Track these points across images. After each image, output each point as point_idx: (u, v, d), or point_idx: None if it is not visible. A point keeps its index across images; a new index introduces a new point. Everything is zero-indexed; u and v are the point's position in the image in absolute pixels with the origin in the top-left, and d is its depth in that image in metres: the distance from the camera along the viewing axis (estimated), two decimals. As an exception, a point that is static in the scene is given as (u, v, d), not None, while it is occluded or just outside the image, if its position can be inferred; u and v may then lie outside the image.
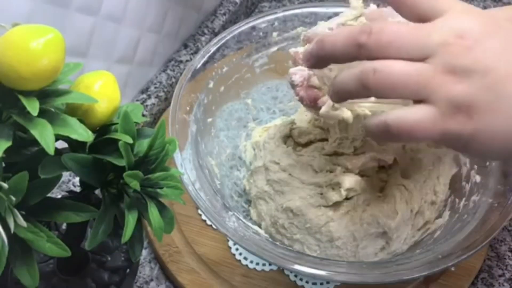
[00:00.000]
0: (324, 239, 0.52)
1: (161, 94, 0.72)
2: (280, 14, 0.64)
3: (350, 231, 0.51)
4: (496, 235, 0.45)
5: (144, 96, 0.71)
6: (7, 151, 0.31)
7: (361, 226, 0.51)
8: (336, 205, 0.53)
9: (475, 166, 0.54)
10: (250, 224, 0.53)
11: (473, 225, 0.47)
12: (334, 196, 0.52)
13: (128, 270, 0.49)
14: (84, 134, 0.33)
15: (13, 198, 0.31)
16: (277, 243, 0.51)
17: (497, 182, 0.50)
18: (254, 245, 0.45)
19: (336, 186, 0.53)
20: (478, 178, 0.53)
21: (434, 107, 0.32)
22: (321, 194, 0.53)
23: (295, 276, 0.56)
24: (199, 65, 0.58)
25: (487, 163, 0.52)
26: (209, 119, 0.60)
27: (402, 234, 0.52)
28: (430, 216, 0.54)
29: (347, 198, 0.53)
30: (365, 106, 0.48)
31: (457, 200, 0.54)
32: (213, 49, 0.60)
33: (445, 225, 0.52)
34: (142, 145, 0.39)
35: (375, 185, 0.55)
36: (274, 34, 0.63)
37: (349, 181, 0.53)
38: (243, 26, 0.62)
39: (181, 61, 0.76)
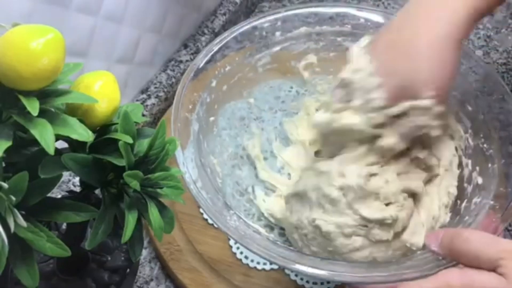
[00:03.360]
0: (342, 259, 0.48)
1: (161, 94, 0.72)
2: (282, 14, 0.64)
3: (373, 257, 0.48)
4: (496, 236, 0.45)
5: (144, 96, 0.71)
6: (7, 151, 0.31)
7: (387, 253, 0.48)
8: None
9: (477, 168, 0.54)
10: (251, 223, 0.53)
11: (474, 227, 0.47)
12: (381, 235, 0.47)
13: (128, 270, 0.49)
14: (84, 134, 0.33)
15: (13, 198, 0.31)
16: (289, 238, 0.50)
17: (499, 184, 0.50)
18: (255, 244, 0.45)
19: (385, 225, 0.47)
20: (480, 180, 0.53)
21: None
22: (366, 226, 0.47)
23: (296, 275, 0.56)
24: (202, 64, 0.58)
25: (489, 165, 0.52)
26: (212, 118, 0.60)
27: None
28: (445, 218, 0.52)
29: None
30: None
31: (458, 201, 0.54)
32: (216, 48, 0.60)
33: (447, 226, 0.52)
34: (142, 145, 0.39)
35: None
36: (277, 33, 0.63)
37: (402, 217, 0.48)
38: (246, 26, 0.62)
39: (181, 61, 0.76)
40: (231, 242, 0.58)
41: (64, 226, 0.48)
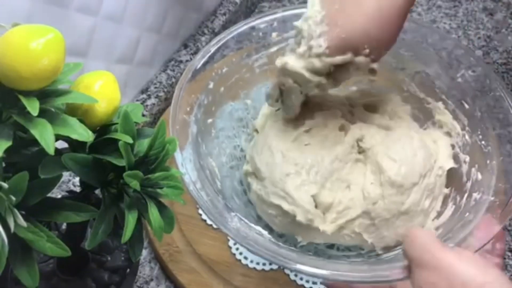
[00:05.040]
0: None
1: (161, 94, 0.72)
2: (279, 15, 0.63)
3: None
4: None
5: (144, 96, 0.71)
6: (7, 151, 0.31)
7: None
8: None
9: (476, 165, 0.54)
10: (252, 224, 0.53)
11: (474, 223, 0.47)
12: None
13: (128, 270, 0.49)
14: (84, 134, 0.33)
15: (13, 198, 0.31)
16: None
17: (498, 180, 0.50)
18: (258, 245, 0.45)
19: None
20: (479, 176, 0.53)
21: None
22: None
23: (295, 275, 0.56)
24: (199, 66, 0.58)
25: (488, 161, 0.52)
26: (209, 120, 0.60)
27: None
28: (440, 185, 0.55)
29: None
30: None
31: (458, 197, 0.54)
32: (213, 49, 0.59)
33: (447, 223, 0.52)
34: (142, 145, 0.39)
35: None
36: (274, 34, 0.63)
37: None
38: (243, 27, 0.62)
39: (181, 61, 0.76)
40: (230, 243, 0.58)
41: (64, 226, 0.48)
